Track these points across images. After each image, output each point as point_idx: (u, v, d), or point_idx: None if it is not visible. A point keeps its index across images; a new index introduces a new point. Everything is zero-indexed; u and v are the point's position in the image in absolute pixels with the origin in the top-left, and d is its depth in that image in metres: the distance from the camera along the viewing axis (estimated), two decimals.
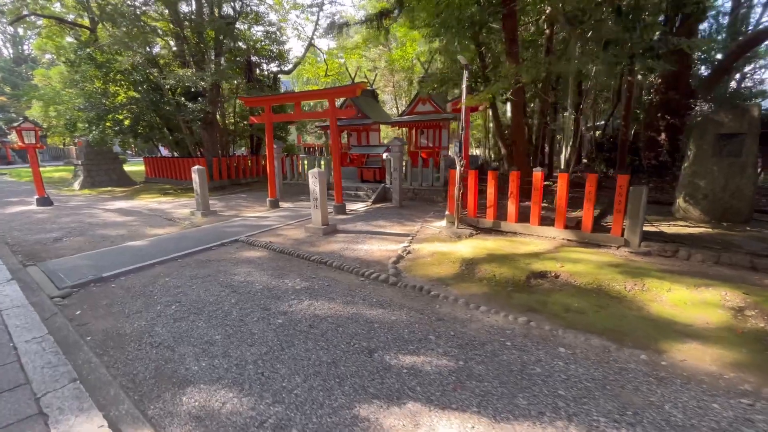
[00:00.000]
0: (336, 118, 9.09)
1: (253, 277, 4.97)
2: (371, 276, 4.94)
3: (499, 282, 4.62)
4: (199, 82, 12.05)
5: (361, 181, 13.44)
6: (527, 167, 7.87)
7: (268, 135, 10.21)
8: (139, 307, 4.11)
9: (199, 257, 5.98)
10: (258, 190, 14.49)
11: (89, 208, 10.49)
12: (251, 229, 7.81)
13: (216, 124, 15.21)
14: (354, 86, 8.42)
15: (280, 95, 10.45)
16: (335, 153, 9.28)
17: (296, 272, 5.19)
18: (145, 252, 6.18)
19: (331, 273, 5.16)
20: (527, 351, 3.15)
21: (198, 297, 4.33)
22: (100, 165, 16.07)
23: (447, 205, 8.25)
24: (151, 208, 10.48)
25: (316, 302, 4.14)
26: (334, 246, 6.40)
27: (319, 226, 7.29)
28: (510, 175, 6.61)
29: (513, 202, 6.64)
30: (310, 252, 6.03)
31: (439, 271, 5.08)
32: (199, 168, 9.22)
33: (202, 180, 9.24)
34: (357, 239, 6.82)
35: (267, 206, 10.59)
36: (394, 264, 5.43)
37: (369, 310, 3.96)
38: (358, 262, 5.53)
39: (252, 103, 10.42)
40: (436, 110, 13.00)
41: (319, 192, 7.18)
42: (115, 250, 6.31)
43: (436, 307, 4.04)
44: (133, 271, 5.32)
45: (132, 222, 8.66)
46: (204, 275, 5.09)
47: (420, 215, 9.01)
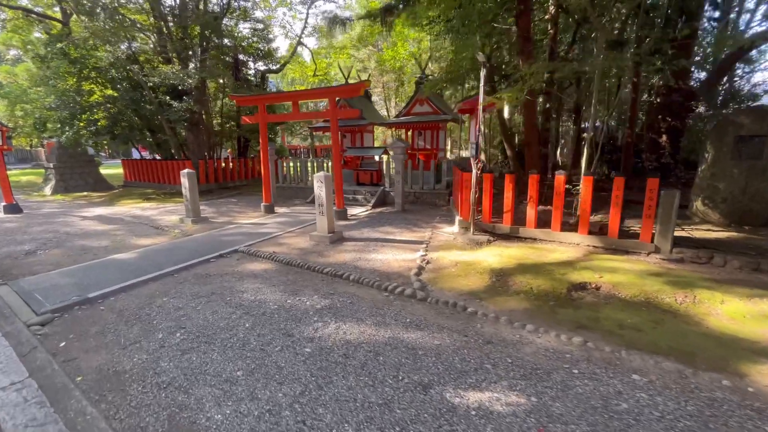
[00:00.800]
0: (337, 119, 8.61)
1: (264, 295, 4.44)
2: (396, 291, 4.50)
3: (538, 295, 4.26)
4: (187, 80, 11.30)
5: (357, 184, 12.96)
6: (540, 170, 7.60)
7: (263, 136, 9.61)
8: (137, 336, 3.53)
9: (198, 271, 5.39)
10: (248, 194, 13.80)
11: (65, 216, 9.60)
12: (250, 237, 7.23)
13: (202, 124, 14.42)
14: (358, 84, 7.96)
15: (276, 94, 9.87)
16: (336, 156, 8.78)
17: (311, 287, 4.69)
18: (134, 266, 5.53)
19: (349, 288, 4.69)
20: (600, 380, 2.78)
21: (205, 321, 3.78)
22: (74, 168, 14.97)
23: (455, 209, 7.91)
24: (135, 215, 9.69)
25: (343, 324, 3.67)
26: (346, 256, 5.92)
27: (325, 234, 6.79)
28: (530, 179, 6.30)
29: (532, 207, 6.33)
30: (321, 263, 5.53)
31: (468, 284, 4.69)
32: (189, 171, 8.54)
33: (192, 184, 8.56)
34: (368, 248, 6.36)
35: (262, 212, 9.98)
36: (417, 276, 5.00)
37: (405, 332, 3.52)
38: (377, 275, 5.08)
39: (244, 102, 9.81)
40: (434, 111, 12.67)
41: (325, 197, 6.69)
42: (100, 265, 5.62)
43: (478, 327, 3.64)
44: (124, 290, 4.69)
45: (115, 231, 7.90)
46: (207, 293, 4.52)
47: (426, 220, 8.62)
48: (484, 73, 6.02)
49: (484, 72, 6.01)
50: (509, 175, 6.52)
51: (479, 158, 6.53)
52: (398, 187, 9.86)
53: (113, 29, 11.40)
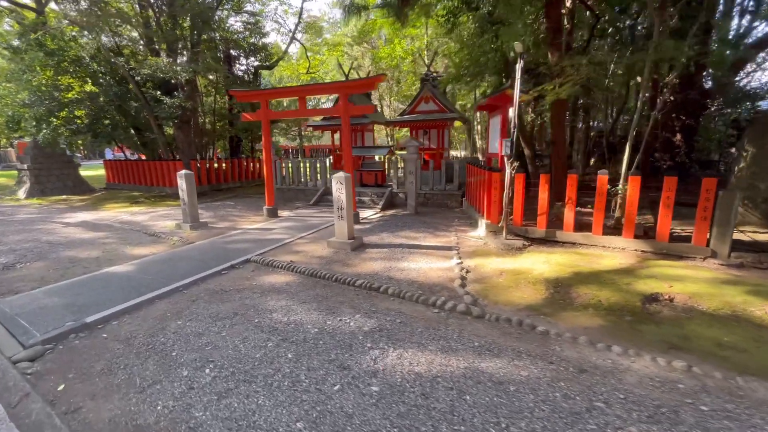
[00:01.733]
0: (349, 116, 8.01)
1: (297, 315, 3.83)
2: (446, 306, 3.97)
3: (609, 309, 3.81)
4: (181, 73, 10.47)
5: (360, 185, 12.37)
6: (566, 170, 7.22)
7: (265, 135, 8.93)
8: (155, 373, 2.88)
9: (210, 286, 4.72)
10: (244, 196, 13.02)
11: (44, 222, 8.66)
12: (259, 245, 6.56)
13: (194, 122, 13.54)
14: (372, 79, 7.40)
15: (281, 89, 9.20)
16: (347, 156, 8.19)
17: (347, 304, 4.10)
18: (135, 281, 4.81)
19: (391, 303, 4.13)
20: (739, 420, 2.32)
21: (237, 351, 3.15)
22: (51, 169, 13.84)
23: (477, 211, 7.45)
24: (124, 221, 8.83)
25: (404, 351, 3.11)
26: (374, 265, 5.35)
27: (345, 241, 6.20)
28: (568, 179, 5.89)
29: (570, 209, 5.92)
30: (350, 274, 4.94)
31: (524, 297, 4.20)
32: (187, 173, 7.79)
33: (190, 187, 7.81)
34: (394, 255, 5.81)
35: (264, 215, 9.28)
36: (462, 287, 4.49)
37: (480, 360, 2.99)
38: (417, 287, 4.54)
39: (245, 98, 9.12)
40: (440, 109, 12.21)
41: (345, 200, 6.10)
42: (94, 281, 4.87)
43: (558, 350, 3.15)
44: (128, 312, 3.99)
45: (105, 239, 7.08)
46: (229, 314, 3.88)
47: (444, 223, 8.13)
48: (521, 65, 5.57)
49: (521, 64, 5.56)
50: (544, 175, 6.09)
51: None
52: (411, 189, 9.33)
53: (96, 16, 10.45)
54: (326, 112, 9.82)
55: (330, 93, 8.33)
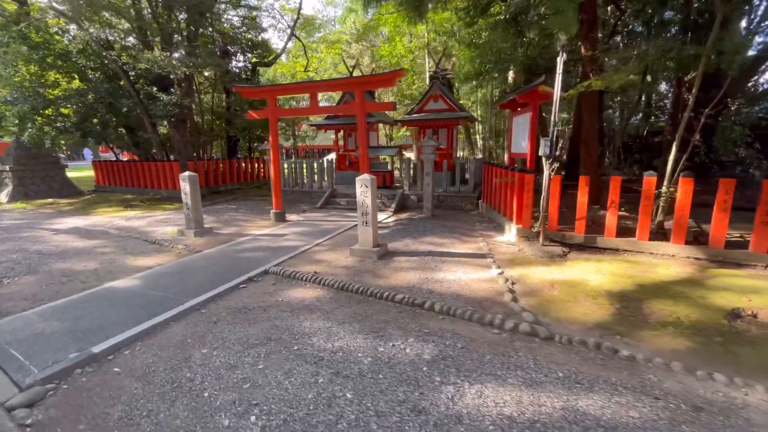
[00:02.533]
0: (365, 114, 7.53)
1: (340, 339, 3.33)
2: (506, 326, 3.52)
3: (693, 328, 3.40)
4: (180, 68, 9.80)
5: None
6: (597, 171, 6.87)
7: (273, 134, 8.37)
8: (189, 423, 2.35)
9: (230, 303, 4.18)
10: (245, 199, 12.39)
11: (31, 229, 7.94)
12: (274, 253, 6.02)
13: (190, 121, 12.86)
14: (392, 73, 6.92)
15: (290, 85, 8.64)
16: (363, 157, 7.69)
17: (393, 324, 3.62)
18: (143, 299, 4.24)
19: (442, 323, 3.66)
20: None
21: (283, 390, 2.64)
22: (36, 171, 12.98)
23: (503, 215, 7.04)
24: (120, 227, 8.16)
25: (482, 387, 2.64)
26: (408, 276, 4.88)
27: (370, 248, 5.72)
28: (611, 181, 5.50)
29: (613, 213, 5.54)
30: (385, 288, 4.46)
31: (587, 313, 3.78)
32: (191, 174, 7.19)
33: (194, 189, 7.21)
34: (426, 264, 5.34)
35: (272, 220, 8.72)
36: (515, 302, 4.05)
37: (575, 396, 2.54)
38: (463, 302, 4.08)
39: (251, 94, 8.53)
40: (450, 108, 11.79)
41: (370, 205, 5.62)
42: (95, 299, 4.28)
43: (655, 381, 2.73)
44: (140, 338, 3.43)
45: (101, 248, 6.44)
46: (261, 339, 3.35)
47: (466, 227, 7.71)
48: (563, 58, 5.16)
49: (564, 57, 5.15)
50: (584, 177, 5.70)
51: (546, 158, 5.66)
52: (428, 191, 8.88)
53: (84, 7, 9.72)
54: (341, 109, 9.28)
55: (345, 89, 7.81)
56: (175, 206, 10.87)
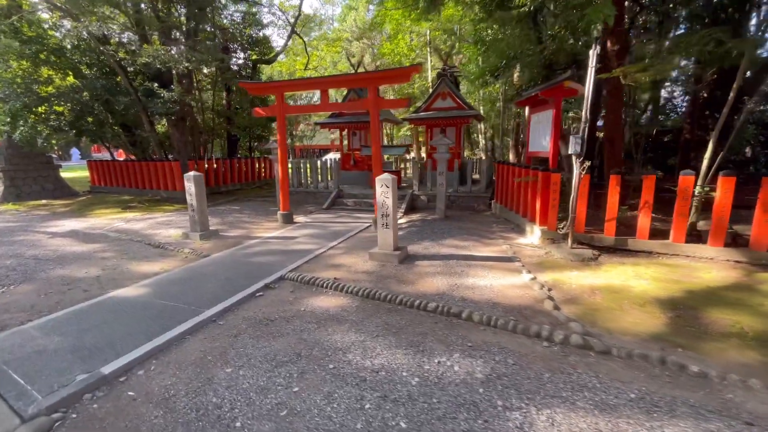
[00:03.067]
0: (378, 111, 7.22)
1: (379, 356, 3.02)
2: (556, 338, 3.23)
3: (759, 339, 3.14)
4: (182, 62, 9.40)
5: (373, 187, 11.59)
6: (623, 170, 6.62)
7: (281, 132, 8.03)
8: None
9: (249, 313, 3.85)
10: (246, 200, 12.02)
11: (26, 232, 7.52)
12: (286, 257, 5.69)
13: (191, 120, 12.45)
14: (408, 69, 6.62)
15: (299, 80, 8.29)
16: (377, 156, 7.38)
17: (432, 336, 3.32)
18: (152, 309, 3.89)
19: (484, 335, 3.36)
20: None
21: (327, 419, 2.33)
22: (29, 171, 12.49)
23: (525, 216, 6.77)
24: (120, 230, 7.77)
25: (552, 412, 2.34)
26: (435, 282, 4.58)
27: (390, 252, 5.41)
28: (644, 181, 5.25)
29: (646, 214, 5.28)
30: (414, 295, 4.16)
31: (638, 322, 3.51)
32: (196, 174, 6.83)
33: (200, 190, 6.85)
34: (452, 269, 5.05)
35: (279, 221, 8.38)
36: (556, 310, 3.77)
37: (658, 423, 2.25)
38: (502, 310, 3.79)
39: (258, 90, 8.17)
40: (458, 106, 11.53)
41: (391, 206, 5.32)
42: (100, 310, 3.92)
43: (738, 402, 2.45)
44: (155, 355, 3.09)
45: (102, 253, 6.06)
46: (290, 355, 3.03)
47: (483, 228, 7.43)
48: (597, 51, 4.89)
49: (597, 50, 4.88)
50: (615, 176, 5.44)
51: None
52: (441, 191, 8.59)
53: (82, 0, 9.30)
54: (353, 105, 8.94)
55: (357, 85, 7.48)
56: (176, 208, 10.48)
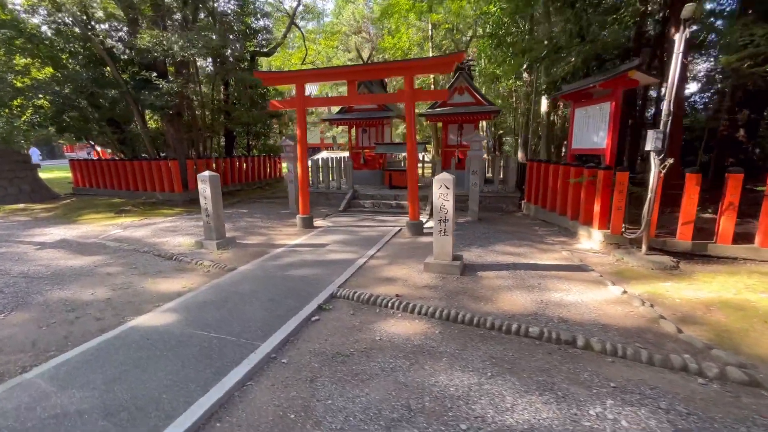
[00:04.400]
0: (414, 104, 6.54)
1: (517, 409, 2.35)
2: (707, 373, 2.66)
3: None
4: (183, 47, 8.43)
5: (390, 187, 10.91)
6: (679, 168, 6.18)
7: (301, 127, 7.23)
8: None
9: (314, 345, 3.13)
10: (250, 201, 11.12)
11: (8, 243, 6.47)
12: (326, 269, 4.96)
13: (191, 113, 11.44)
14: (451, 57, 5.98)
15: (324, 69, 7.47)
16: (412, 154, 6.70)
17: (560, 374, 2.68)
18: (191, 344, 3.11)
19: (620, 370, 2.75)
20: None
21: None
22: (2, 172, 11.19)
23: (584, 219, 6.23)
24: (119, 238, 6.82)
25: None
26: (515, 298, 3.96)
27: (449, 262, 4.76)
28: (729, 180, 4.77)
29: (731, 216, 4.81)
30: (500, 315, 3.54)
31: None
32: (212, 174, 6.00)
33: (215, 192, 6.02)
34: (523, 281, 4.45)
35: (298, 226, 7.59)
36: (681, 333, 3.20)
37: None
38: (617, 334, 3.21)
39: (275, 81, 7.33)
40: (476, 102, 10.97)
41: (450, 210, 4.66)
42: (124, 346, 3.10)
43: None
44: (216, 415, 2.34)
45: (105, 267, 5.17)
46: (398, 410, 2.33)
47: (527, 232, 6.88)
48: (686, 35, 4.37)
49: (686, 33, 4.36)
50: (692, 175, 4.94)
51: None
52: (475, 192, 7.99)
53: None
54: (388, 98, 8.16)
55: (391, 74, 6.74)
56: (176, 211, 9.52)
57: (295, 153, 9.35)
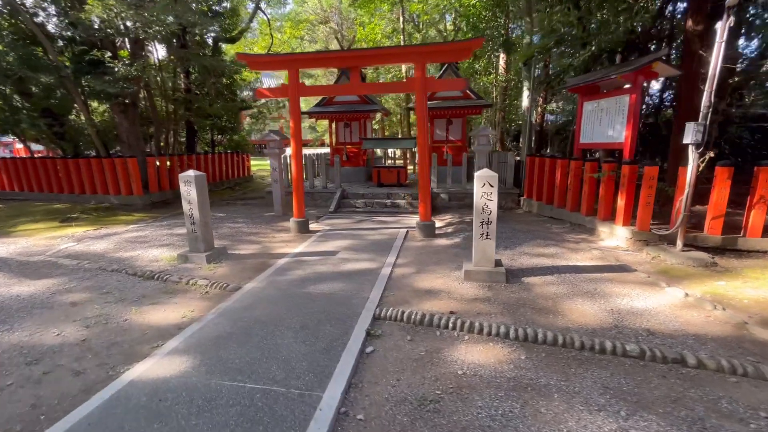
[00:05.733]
0: (426, 94, 5.97)
1: None
2: None
3: None
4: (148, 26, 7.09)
5: (378, 185, 10.27)
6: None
7: (295, 118, 6.37)
8: None
9: (386, 390, 2.48)
10: (224, 204, 9.96)
11: None
12: (350, 283, 4.28)
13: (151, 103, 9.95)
14: (469, 42, 5.47)
15: (321, 53, 6.54)
16: (423, 149, 6.13)
17: (697, 406, 2.28)
18: (222, 403, 2.32)
19: (752, 393, 2.41)
20: None
21: None
22: None
23: (605, 214, 6.05)
24: (75, 253, 5.56)
25: None
26: (581, 308, 3.57)
27: (492, 269, 4.29)
28: (758, 172, 4.73)
29: (762, 210, 4.78)
30: (580, 330, 3.12)
31: None
32: (198, 174, 5.02)
33: (202, 195, 5.06)
34: (575, 286, 4.09)
35: (292, 231, 6.75)
36: None
37: None
38: (718, 346, 2.90)
39: (264, 65, 6.32)
40: (464, 95, 10.63)
41: (494, 211, 4.19)
42: (127, 414, 2.23)
43: None
44: None
45: (67, 294, 4.05)
46: None
47: (540, 230, 6.63)
48: (730, 23, 4.21)
49: (730, 21, 4.20)
50: (723, 169, 4.87)
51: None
52: None
53: None
54: (397, 87, 7.44)
55: (400, 60, 6.04)
56: (137, 217, 8.18)
57: (281, 149, 8.42)
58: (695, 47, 5.69)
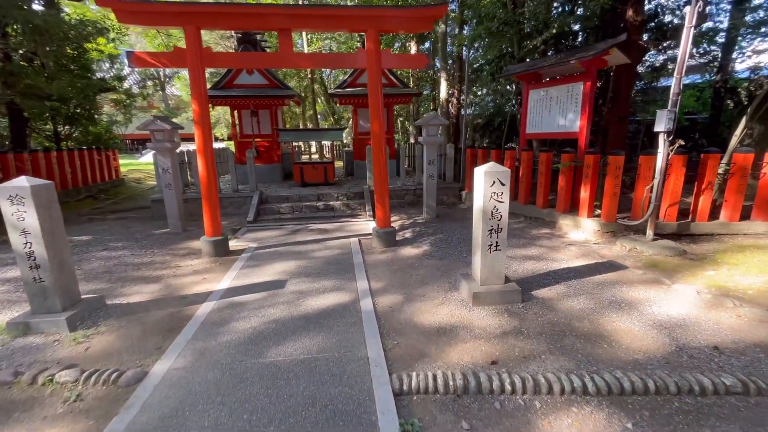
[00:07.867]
0: (380, 70, 4.83)
1: None
2: None
3: None
4: None
5: (302, 185, 8.74)
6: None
7: (197, 98, 4.52)
8: None
9: None
10: (84, 222, 7.18)
11: None
12: (326, 334, 2.97)
13: None
14: (431, 9, 4.50)
15: (236, 5, 4.54)
16: (378, 141, 5.02)
17: None
18: None
19: None
20: None
21: None
22: None
23: (563, 205, 5.84)
24: None
25: None
26: (628, 328, 3.01)
27: (502, 286, 3.48)
28: (710, 160, 4.93)
29: (709, 195, 5.02)
30: (648, 361, 2.51)
31: None
32: (38, 184, 2.98)
33: (49, 217, 3.06)
34: (591, 296, 3.57)
35: (205, 254, 4.92)
36: None
37: None
38: None
39: (139, 18, 4.04)
40: (390, 83, 9.76)
41: (504, 215, 3.39)
42: None
43: None
44: None
45: None
46: None
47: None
48: (698, 8, 4.14)
49: (699, 4, 4.13)
50: (678, 156, 4.96)
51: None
52: (432, 186, 6.83)
53: None
54: (342, 60, 5.78)
55: (346, 25, 4.51)
56: None
57: (174, 142, 6.23)
58: (633, 37, 5.85)
